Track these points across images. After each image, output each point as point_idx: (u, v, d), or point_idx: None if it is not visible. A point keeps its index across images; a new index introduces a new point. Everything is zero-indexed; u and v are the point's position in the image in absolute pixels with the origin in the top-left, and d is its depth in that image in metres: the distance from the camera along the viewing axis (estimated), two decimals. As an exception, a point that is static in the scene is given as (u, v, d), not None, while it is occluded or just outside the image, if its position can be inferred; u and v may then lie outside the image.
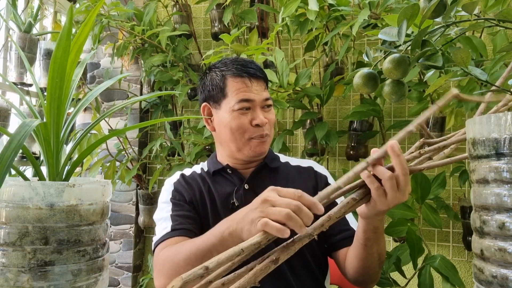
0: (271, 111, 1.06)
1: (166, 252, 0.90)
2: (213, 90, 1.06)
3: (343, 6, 1.52)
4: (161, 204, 1.06)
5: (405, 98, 1.84)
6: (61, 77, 0.62)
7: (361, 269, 0.93)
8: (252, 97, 1.02)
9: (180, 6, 2.20)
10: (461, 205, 1.79)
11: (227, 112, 1.02)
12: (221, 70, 1.05)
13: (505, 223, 0.44)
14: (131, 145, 2.34)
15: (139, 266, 2.46)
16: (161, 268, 0.89)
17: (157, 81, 2.11)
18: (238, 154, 1.05)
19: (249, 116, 1.02)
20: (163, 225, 0.99)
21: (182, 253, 0.85)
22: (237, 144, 1.03)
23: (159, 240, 0.97)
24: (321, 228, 0.62)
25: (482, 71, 0.64)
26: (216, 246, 0.78)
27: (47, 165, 0.68)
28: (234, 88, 1.02)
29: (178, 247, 0.88)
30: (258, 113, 1.02)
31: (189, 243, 0.86)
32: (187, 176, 1.10)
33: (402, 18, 0.59)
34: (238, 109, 1.01)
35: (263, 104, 1.04)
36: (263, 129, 1.03)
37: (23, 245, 0.59)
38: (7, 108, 1.83)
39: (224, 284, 0.56)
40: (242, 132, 1.02)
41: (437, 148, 0.65)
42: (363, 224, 0.83)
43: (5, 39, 2.14)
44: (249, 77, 1.02)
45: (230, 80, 1.03)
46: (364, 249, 0.87)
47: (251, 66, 1.05)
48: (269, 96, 1.06)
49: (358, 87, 0.65)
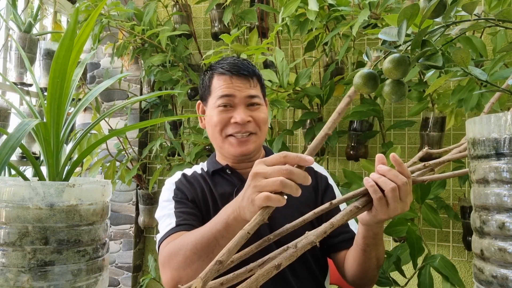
0: (259, 110, 1.04)
1: (170, 246, 0.89)
2: (202, 88, 1.09)
3: (343, 6, 1.52)
4: (163, 203, 1.05)
5: (405, 98, 1.84)
6: (62, 77, 0.62)
7: (359, 272, 0.94)
8: (232, 93, 1.01)
9: (180, 6, 2.20)
10: (461, 205, 1.79)
11: (211, 109, 1.04)
12: (212, 69, 1.07)
13: (505, 223, 0.44)
14: (131, 145, 2.34)
15: (139, 266, 2.46)
16: (168, 261, 0.87)
17: (157, 81, 2.11)
18: (222, 152, 1.06)
19: (229, 113, 1.02)
20: (166, 221, 0.98)
21: (188, 244, 0.83)
22: (217, 141, 1.05)
23: (163, 237, 0.96)
24: (323, 235, 0.62)
25: (482, 71, 0.64)
26: (222, 232, 0.77)
27: (47, 165, 0.68)
28: (216, 86, 1.03)
29: (182, 239, 0.87)
30: (239, 111, 1.01)
31: (194, 234, 0.84)
32: (189, 175, 1.10)
33: (402, 18, 0.59)
34: (218, 105, 1.02)
35: (247, 102, 1.03)
36: (245, 126, 1.01)
37: (23, 245, 0.59)
38: (7, 108, 1.83)
39: (222, 284, 0.56)
40: (220, 129, 1.02)
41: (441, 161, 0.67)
42: (363, 230, 0.84)
43: (5, 39, 2.14)
44: (231, 75, 1.02)
45: (215, 78, 1.04)
46: (363, 254, 0.89)
47: (239, 65, 1.04)
48: (256, 94, 1.04)
49: (358, 87, 0.65)
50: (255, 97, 1.04)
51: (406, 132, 2.00)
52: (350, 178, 1.55)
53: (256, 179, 0.66)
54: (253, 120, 1.02)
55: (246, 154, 1.04)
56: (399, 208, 0.71)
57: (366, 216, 0.77)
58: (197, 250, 0.81)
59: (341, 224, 0.64)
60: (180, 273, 0.83)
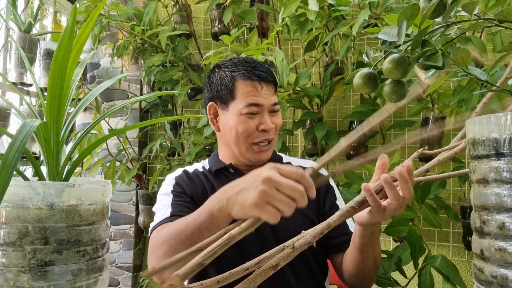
0: (278, 116, 1.05)
1: (159, 234, 0.87)
2: (222, 90, 1.03)
3: (343, 6, 1.52)
4: (161, 196, 1.04)
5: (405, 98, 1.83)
6: (61, 77, 0.62)
7: (357, 272, 0.95)
8: (261, 102, 1.00)
9: (180, 6, 2.20)
10: (461, 205, 1.79)
11: (234, 114, 1.01)
12: (231, 70, 1.03)
13: (505, 223, 0.44)
14: (131, 145, 2.34)
15: (139, 266, 2.46)
16: (155, 250, 0.86)
17: (157, 81, 2.11)
18: (241, 157, 1.05)
19: (256, 121, 1.00)
20: (162, 211, 0.97)
21: (173, 233, 0.82)
22: (240, 148, 1.02)
23: (157, 225, 0.94)
24: (319, 236, 0.62)
25: (482, 71, 0.64)
26: (206, 223, 0.74)
27: (47, 165, 0.68)
28: (244, 91, 1.00)
29: (170, 227, 0.85)
30: (266, 118, 1.00)
31: (179, 223, 0.82)
32: (190, 172, 1.09)
33: (402, 18, 0.59)
34: (246, 113, 0.99)
35: (271, 109, 1.03)
36: (269, 133, 1.02)
37: (23, 245, 0.59)
38: (7, 108, 1.83)
39: (219, 281, 0.56)
40: (247, 136, 1.00)
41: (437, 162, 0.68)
42: (360, 230, 0.85)
43: (5, 39, 2.14)
44: (259, 81, 1.01)
45: (240, 82, 1.01)
46: (360, 253, 0.89)
47: (261, 69, 1.03)
48: (277, 101, 1.05)
49: (358, 87, 0.65)
50: (277, 104, 1.04)
51: (406, 132, 2.00)
52: (350, 178, 1.55)
53: (269, 186, 0.62)
54: (274, 126, 1.03)
55: (264, 161, 1.04)
56: (395, 212, 0.73)
57: (362, 218, 0.78)
58: (181, 240, 0.79)
59: (337, 224, 0.64)
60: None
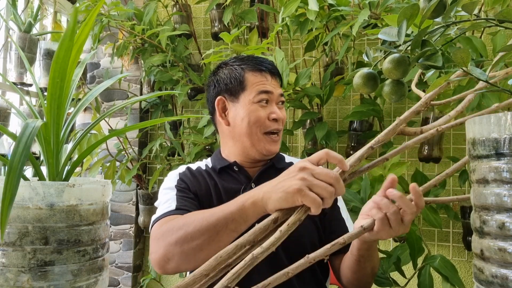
0: (283, 109, 1.08)
1: (171, 223, 0.85)
2: (231, 83, 1.06)
3: (343, 6, 1.52)
4: (164, 190, 1.03)
5: (405, 98, 1.84)
6: (62, 77, 0.62)
7: (353, 280, 0.96)
8: (270, 89, 1.04)
9: (180, 6, 2.20)
10: (461, 205, 1.79)
11: (246, 104, 1.03)
12: (239, 64, 1.07)
13: (505, 223, 0.44)
14: (131, 145, 2.34)
15: (139, 266, 2.46)
16: (165, 235, 0.82)
17: (157, 81, 2.11)
18: (251, 150, 1.05)
19: (267, 110, 1.04)
20: (166, 204, 0.96)
21: (193, 221, 0.79)
22: (252, 138, 1.04)
23: (160, 216, 0.92)
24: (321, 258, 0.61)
25: (482, 71, 0.64)
26: (234, 214, 0.74)
27: (47, 165, 0.68)
28: (254, 81, 1.04)
29: (187, 217, 0.83)
30: (275, 108, 1.05)
31: (202, 212, 0.81)
32: (193, 170, 1.09)
33: (402, 18, 0.59)
34: (257, 101, 1.03)
35: (278, 100, 1.07)
36: (279, 123, 1.05)
37: (23, 245, 0.59)
38: (7, 108, 1.83)
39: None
40: (259, 125, 1.03)
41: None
42: (358, 243, 0.85)
43: (5, 39, 2.14)
44: (267, 71, 1.06)
45: (249, 73, 1.05)
46: (358, 264, 0.90)
47: (268, 63, 1.09)
48: (283, 93, 1.09)
49: (358, 87, 0.65)
50: (283, 96, 1.09)
51: (406, 132, 2.00)
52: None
53: (306, 173, 0.65)
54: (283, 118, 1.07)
55: (273, 154, 1.07)
56: (401, 230, 0.72)
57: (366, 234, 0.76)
58: (201, 227, 0.77)
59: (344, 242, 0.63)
60: (175, 250, 0.79)
